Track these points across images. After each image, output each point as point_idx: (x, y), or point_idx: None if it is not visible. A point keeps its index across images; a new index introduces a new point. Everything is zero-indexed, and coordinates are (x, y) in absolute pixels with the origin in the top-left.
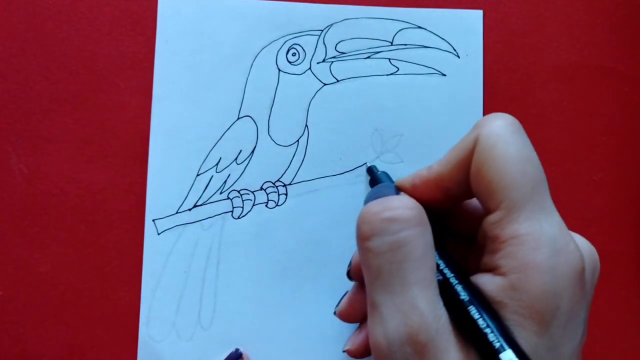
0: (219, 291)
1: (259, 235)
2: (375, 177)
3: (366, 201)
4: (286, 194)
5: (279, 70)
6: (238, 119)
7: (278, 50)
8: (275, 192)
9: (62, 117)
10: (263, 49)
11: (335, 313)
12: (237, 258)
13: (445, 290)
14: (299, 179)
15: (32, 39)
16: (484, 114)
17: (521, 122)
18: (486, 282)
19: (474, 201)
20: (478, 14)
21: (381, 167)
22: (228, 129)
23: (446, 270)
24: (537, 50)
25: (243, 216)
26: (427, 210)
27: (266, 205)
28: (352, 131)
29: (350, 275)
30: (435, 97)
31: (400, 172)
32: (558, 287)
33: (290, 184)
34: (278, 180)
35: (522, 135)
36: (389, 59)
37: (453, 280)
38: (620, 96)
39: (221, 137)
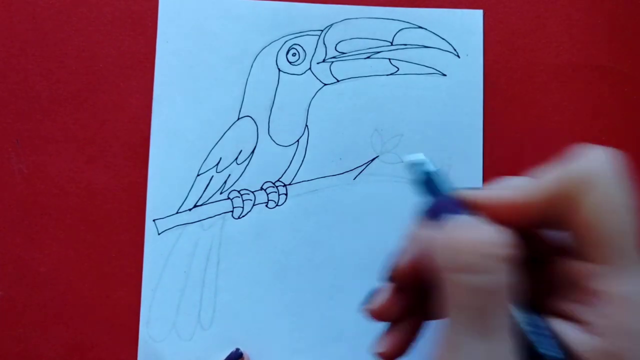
0: (219, 291)
1: (259, 235)
2: (432, 183)
3: (430, 213)
4: (286, 194)
5: (279, 70)
6: (238, 119)
7: (278, 51)
8: (276, 192)
9: (62, 117)
10: (263, 49)
11: (365, 310)
12: (237, 258)
13: (522, 339)
14: (299, 179)
15: (32, 39)
16: (484, 113)
17: (521, 122)
18: (573, 335)
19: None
20: (478, 14)
21: (382, 167)
22: (228, 129)
23: (525, 324)
24: (537, 50)
25: (243, 216)
26: None
27: (266, 205)
28: (352, 131)
29: (392, 279)
30: (435, 97)
31: (400, 172)
32: None
33: (290, 184)
34: (278, 180)
35: (629, 181)
36: (389, 59)
37: (532, 329)
38: (621, 96)
39: (221, 137)
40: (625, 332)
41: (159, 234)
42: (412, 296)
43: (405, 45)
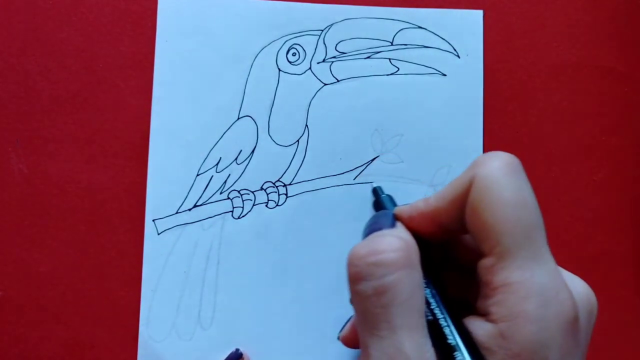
0: (219, 291)
1: (259, 235)
2: (378, 201)
3: (364, 231)
4: (286, 194)
5: (279, 70)
6: (238, 118)
7: (278, 50)
8: (275, 192)
9: (62, 117)
10: (263, 49)
11: (338, 338)
12: (237, 258)
13: (435, 332)
14: (299, 179)
15: (32, 39)
16: (484, 113)
17: (521, 122)
18: (477, 327)
19: None
20: (478, 14)
21: (382, 167)
22: (228, 128)
23: (437, 311)
24: (537, 50)
25: (243, 216)
26: (426, 242)
27: (266, 205)
28: (352, 131)
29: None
30: (435, 97)
31: (400, 172)
32: (547, 337)
33: (290, 184)
34: (278, 180)
35: (520, 177)
36: (389, 59)
37: (442, 322)
38: (620, 96)
39: (221, 137)
40: (515, 315)
41: (158, 234)
42: None
43: (406, 45)
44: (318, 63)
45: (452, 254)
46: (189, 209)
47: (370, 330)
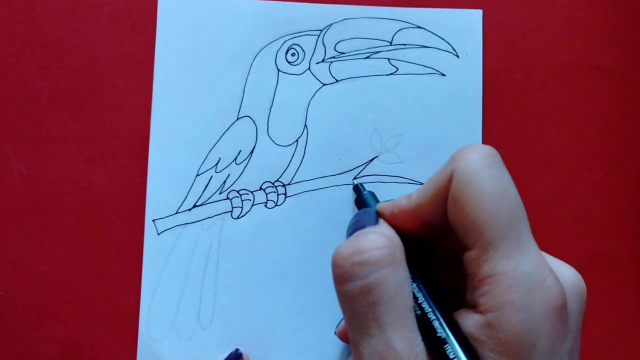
0: (219, 291)
1: (258, 235)
2: (360, 198)
3: (348, 230)
4: (285, 194)
5: (279, 70)
6: (237, 119)
7: (277, 51)
8: (275, 192)
9: (62, 117)
10: (262, 49)
11: (335, 333)
12: (237, 258)
13: (424, 326)
14: (298, 179)
15: (32, 39)
16: (484, 113)
17: (521, 122)
18: (466, 318)
19: None
20: (478, 14)
21: (381, 167)
22: (227, 129)
23: (425, 305)
24: (537, 50)
25: (242, 216)
26: (410, 237)
27: (265, 205)
28: (351, 131)
29: None
30: (435, 97)
31: (400, 172)
32: (534, 325)
33: (289, 184)
34: (277, 180)
35: (499, 168)
36: (389, 59)
37: (431, 316)
38: (620, 96)
39: (221, 137)
40: (502, 304)
41: (158, 234)
42: None
43: (405, 45)
44: (317, 63)
45: (438, 247)
46: (189, 209)
47: (359, 329)
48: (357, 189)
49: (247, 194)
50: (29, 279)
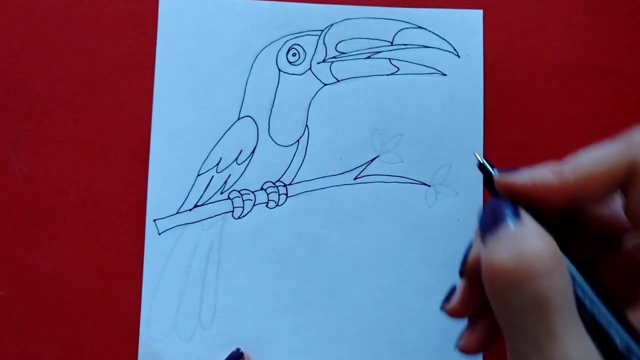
0: (220, 291)
1: (259, 235)
2: (490, 182)
3: (481, 224)
4: (286, 194)
5: (280, 70)
6: (238, 119)
7: (278, 51)
8: (276, 192)
9: (62, 117)
10: (263, 49)
11: (443, 309)
12: (238, 258)
13: (595, 330)
14: (299, 178)
15: (32, 39)
16: (484, 113)
17: (521, 122)
18: None
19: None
20: (478, 14)
21: (382, 167)
22: (229, 129)
23: (594, 309)
24: (537, 50)
25: (243, 216)
26: (543, 210)
27: (266, 205)
28: (352, 131)
29: (463, 274)
30: (436, 97)
31: (400, 172)
32: None
33: (290, 184)
34: (278, 180)
35: None
36: (389, 59)
37: (602, 320)
38: (620, 96)
39: (222, 137)
40: None
41: (159, 234)
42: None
43: (406, 45)
44: (318, 63)
45: (575, 221)
46: (190, 209)
47: (526, 341)
48: (484, 168)
49: (248, 193)
50: (29, 279)
